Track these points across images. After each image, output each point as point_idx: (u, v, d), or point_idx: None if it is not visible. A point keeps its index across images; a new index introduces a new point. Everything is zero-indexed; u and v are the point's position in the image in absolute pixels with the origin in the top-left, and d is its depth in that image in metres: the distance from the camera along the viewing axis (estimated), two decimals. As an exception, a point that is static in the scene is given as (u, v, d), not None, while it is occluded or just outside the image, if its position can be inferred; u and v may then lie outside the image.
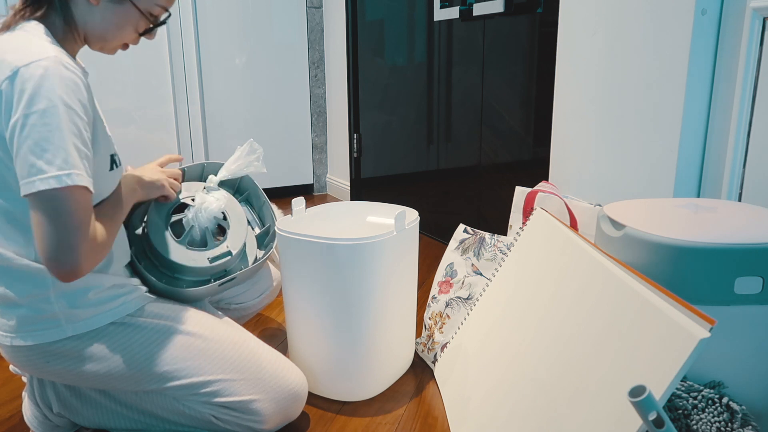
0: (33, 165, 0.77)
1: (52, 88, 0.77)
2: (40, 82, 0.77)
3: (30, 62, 0.78)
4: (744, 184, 1.17)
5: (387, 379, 1.21)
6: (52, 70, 0.78)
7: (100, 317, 0.93)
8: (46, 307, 0.89)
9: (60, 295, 0.89)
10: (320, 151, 3.00)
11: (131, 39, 0.95)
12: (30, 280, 0.88)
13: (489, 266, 1.27)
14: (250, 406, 0.98)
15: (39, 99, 0.77)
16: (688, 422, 0.79)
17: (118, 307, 0.95)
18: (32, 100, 0.77)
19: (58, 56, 0.80)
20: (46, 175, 0.77)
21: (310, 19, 2.81)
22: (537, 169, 1.67)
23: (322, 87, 2.92)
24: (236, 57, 2.70)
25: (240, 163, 1.21)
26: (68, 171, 0.77)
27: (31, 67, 0.78)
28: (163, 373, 0.96)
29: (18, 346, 0.91)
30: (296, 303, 1.16)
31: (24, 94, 0.77)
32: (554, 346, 0.88)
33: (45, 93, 0.77)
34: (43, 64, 0.78)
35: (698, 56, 1.16)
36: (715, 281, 0.84)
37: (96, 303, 0.93)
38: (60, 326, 0.90)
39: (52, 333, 0.90)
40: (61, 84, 0.78)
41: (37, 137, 0.77)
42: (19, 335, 0.90)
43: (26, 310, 0.89)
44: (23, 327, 0.90)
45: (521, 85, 1.74)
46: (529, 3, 1.62)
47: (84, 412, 1.03)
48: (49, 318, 0.90)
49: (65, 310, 0.90)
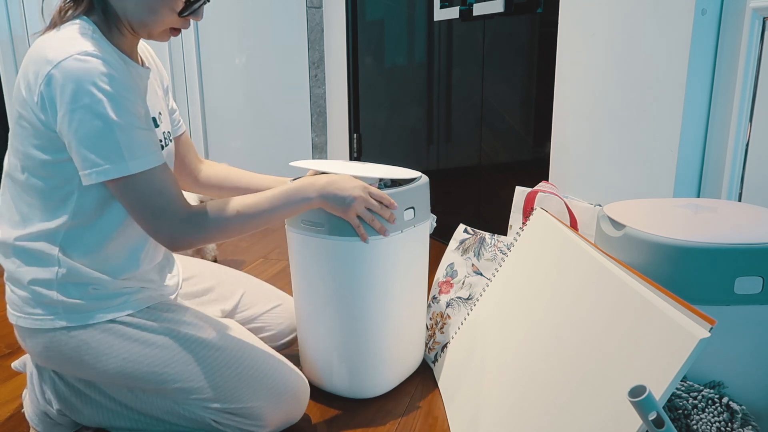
0: (86, 158, 0.83)
1: (89, 80, 0.80)
2: (77, 76, 0.80)
3: (65, 57, 0.81)
4: (744, 184, 1.17)
5: (395, 378, 1.20)
6: (85, 62, 0.81)
7: (99, 313, 0.94)
8: (47, 293, 0.91)
9: (62, 284, 0.91)
10: (320, 151, 3.00)
11: (173, 21, 0.90)
12: (39, 262, 0.91)
13: (489, 266, 1.27)
14: (251, 411, 0.97)
15: (81, 93, 0.80)
16: (688, 422, 0.79)
17: (120, 305, 0.95)
18: (74, 96, 0.80)
19: (92, 49, 0.82)
20: (102, 167, 0.83)
21: (310, 19, 2.81)
22: (537, 169, 1.67)
23: (322, 87, 2.92)
24: (236, 57, 2.70)
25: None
26: (124, 162, 0.83)
27: (66, 63, 0.80)
28: (160, 376, 0.95)
29: (21, 326, 0.94)
30: (306, 296, 1.15)
31: (65, 89, 0.80)
32: (554, 346, 0.88)
33: (84, 86, 0.80)
34: (76, 56, 0.81)
35: (698, 56, 1.16)
36: (715, 281, 0.84)
37: (96, 298, 0.93)
38: (58, 314, 0.92)
39: (48, 321, 0.92)
40: (97, 75, 0.81)
41: (87, 132, 0.82)
42: (22, 316, 0.94)
43: (30, 292, 0.92)
44: (25, 309, 0.93)
45: (521, 85, 1.74)
46: (529, 3, 1.62)
47: (84, 410, 1.03)
48: (47, 304, 0.92)
49: (64, 300, 0.92)
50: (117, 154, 0.83)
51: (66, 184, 0.89)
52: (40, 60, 0.82)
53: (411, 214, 1.10)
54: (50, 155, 0.87)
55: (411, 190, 1.10)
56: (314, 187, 0.99)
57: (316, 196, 0.99)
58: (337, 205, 0.99)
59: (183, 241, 0.91)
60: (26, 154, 0.88)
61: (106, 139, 0.82)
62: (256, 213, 0.95)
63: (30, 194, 0.90)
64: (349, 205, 0.99)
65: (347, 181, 1.00)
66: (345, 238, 1.04)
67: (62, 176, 0.88)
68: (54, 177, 0.88)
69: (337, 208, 1.00)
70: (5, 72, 2.40)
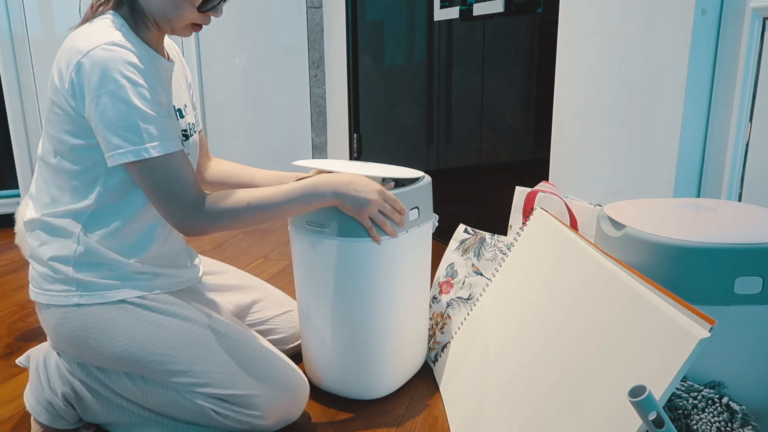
0: (109, 141, 0.88)
1: (115, 67, 0.86)
2: (104, 64, 0.85)
3: (93, 47, 0.86)
4: (744, 184, 1.17)
5: (398, 380, 1.20)
6: (112, 51, 0.86)
7: (111, 291, 0.97)
8: (63, 269, 0.96)
9: (78, 261, 0.96)
10: (320, 151, 3.00)
11: (194, 17, 0.95)
12: (60, 237, 0.96)
13: (489, 266, 1.27)
14: (250, 400, 0.99)
15: (106, 80, 0.85)
16: (688, 422, 0.79)
17: (132, 286, 0.99)
18: (101, 82, 0.85)
19: (119, 39, 0.88)
20: (123, 150, 0.87)
21: (310, 19, 2.81)
22: (537, 169, 1.67)
23: (322, 87, 2.92)
24: (236, 57, 2.70)
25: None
26: (143, 145, 0.88)
27: (94, 52, 0.86)
28: (164, 357, 0.97)
29: (38, 302, 0.99)
30: (310, 297, 1.14)
31: (93, 76, 0.86)
32: (554, 346, 0.88)
33: (110, 73, 0.85)
34: (104, 46, 0.86)
35: (698, 56, 1.16)
36: (715, 281, 0.84)
37: (110, 278, 0.98)
38: (71, 291, 0.96)
39: (62, 297, 0.97)
40: (122, 63, 0.86)
41: (111, 116, 0.86)
42: (40, 292, 0.98)
43: (49, 268, 0.97)
44: (43, 285, 0.98)
45: (521, 85, 1.74)
46: (529, 3, 1.62)
47: (87, 402, 1.04)
48: (63, 280, 0.96)
49: (79, 277, 0.96)
50: (138, 138, 0.88)
51: (94, 167, 0.94)
52: (72, 50, 0.88)
53: (416, 214, 1.10)
54: (81, 140, 0.92)
55: (416, 189, 1.10)
56: (331, 185, 1.00)
57: (331, 195, 1.00)
58: (353, 205, 1.00)
59: (195, 227, 0.95)
60: (58, 139, 0.93)
61: (127, 122, 0.87)
62: (269, 205, 0.98)
63: (61, 177, 0.95)
64: (364, 207, 1.00)
65: (364, 183, 1.01)
66: (351, 239, 1.05)
67: (91, 160, 0.93)
68: (83, 161, 0.93)
69: (352, 209, 1.01)
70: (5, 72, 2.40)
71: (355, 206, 1.00)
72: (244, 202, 0.96)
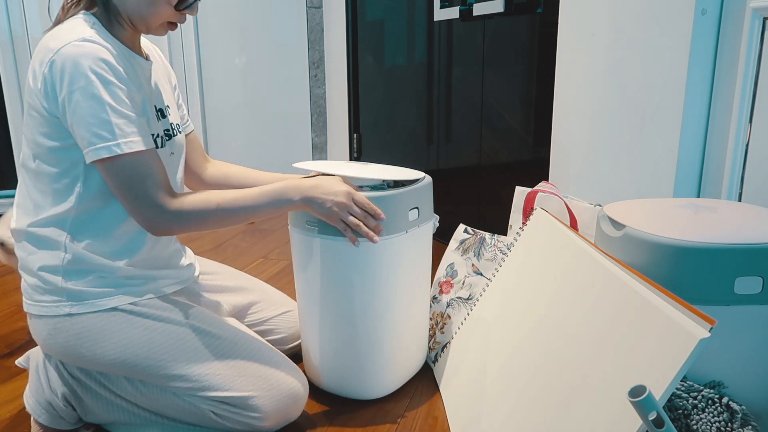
0: (83, 137, 0.87)
1: (86, 63, 0.85)
2: (75, 60, 0.85)
3: (65, 44, 0.86)
4: (744, 184, 1.17)
5: (398, 380, 1.20)
6: (83, 47, 0.86)
7: (102, 299, 0.96)
8: (53, 279, 0.95)
9: (67, 270, 0.95)
10: (320, 151, 3.00)
11: (169, 15, 0.95)
12: (47, 247, 0.95)
13: (489, 266, 1.27)
14: (249, 402, 0.98)
15: (77, 76, 0.85)
16: (688, 422, 0.79)
17: (123, 293, 0.98)
18: (72, 78, 0.85)
19: (90, 35, 0.88)
20: (96, 146, 0.87)
21: (310, 19, 2.81)
22: (537, 169, 1.67)
23: (322, 87, 2.92)
24: (236, 57, 2.70)
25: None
26: (116, 141, 0.87)
27: (65, 49, 0.86)
28: (159, 362, 0.97)
29: (30, 313, 0.98)
30: (309, 297, 1.14)
31: (64, 74, 0.85)
32: (554, 346, 0.88)
33: (81, 69, 0.85)
34: (74, 43, 0.86)
35: (698, 56, 1.16)
36: (715, 281, 0.84)
37: (100, 285, 0.97)
38: (62, 301, 0.95)
39: (53, 307, 0.96)
40: (93, 59, 0.86)
41: (83, 113, 0.86)
42: (32, 303, 0.98)
43: (38, 278, 0.96)
44: (34, 296, 0.97)
45: (521, 85, 1.74)
46: (529, 3, 1.62)
47: (86, 402, 1.04)
48: (53, 291, 0.95)
49: (69, 287, 0.95)
50: (109, 134, 0.87)
51: (73, 168, 0.93)
52: (44, 50, 0.88)
53: (415, 215, 1.10)
54: (56, 141, 0.91)
55: (415, 190, 1.10)
56: (299, 189, 0.99)
57: (300, 199, 0.99)
58: (320, 209, 0.99)
59: (161, 227, 0.95)
60: (36, 142, 0.93)
61: (99, 119, 0.86)
62: (237, 208, 0.97)
63: (41, 181, 0.95)
64: (331, 211, 0.99)
65: (332, 186, 0.99)
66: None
67: (69, 161, 0.92)
68: (61, 162, 0.93)
69: (321, 213, 1.00)
70: (5, 72, 2.40)
71: (322, 210, 0.99)
72: (214, 204, 0.96)
